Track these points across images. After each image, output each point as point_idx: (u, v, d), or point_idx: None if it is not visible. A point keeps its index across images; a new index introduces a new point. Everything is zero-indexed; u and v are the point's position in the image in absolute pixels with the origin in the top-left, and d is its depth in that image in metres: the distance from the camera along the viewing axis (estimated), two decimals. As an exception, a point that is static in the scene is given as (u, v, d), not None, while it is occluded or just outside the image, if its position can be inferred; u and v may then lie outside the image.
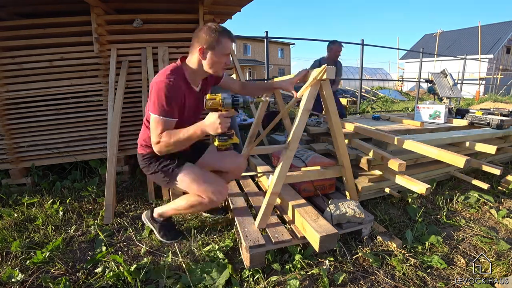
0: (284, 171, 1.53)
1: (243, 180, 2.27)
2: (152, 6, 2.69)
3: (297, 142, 1.53)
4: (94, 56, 2.49)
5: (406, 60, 22.04)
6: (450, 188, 2.44)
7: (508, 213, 2.02)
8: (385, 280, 1.41)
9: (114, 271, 1.41)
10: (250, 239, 1.44)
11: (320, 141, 2.64)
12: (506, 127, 2.57)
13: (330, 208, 1.59)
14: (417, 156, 2.21)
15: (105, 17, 2.43)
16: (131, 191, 2.48)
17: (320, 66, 1.47)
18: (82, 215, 2.07)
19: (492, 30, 20.25)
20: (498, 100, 9.31)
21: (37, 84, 2.47)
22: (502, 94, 12.80)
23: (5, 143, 2.47)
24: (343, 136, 1.73)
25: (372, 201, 2.18)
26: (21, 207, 2.14)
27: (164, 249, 1.66)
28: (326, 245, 1.37)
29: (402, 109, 8.47)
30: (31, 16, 2.50)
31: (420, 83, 8.49)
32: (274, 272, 1.46)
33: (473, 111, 2.98)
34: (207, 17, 2.59)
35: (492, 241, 1.71)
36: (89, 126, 2.59)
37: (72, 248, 1.71)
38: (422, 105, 2.98)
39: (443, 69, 3.79)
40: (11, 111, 2.47)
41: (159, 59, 2.54)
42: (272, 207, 1.59)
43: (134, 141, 2.64)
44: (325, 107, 1.64)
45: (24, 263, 1.55)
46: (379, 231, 1.76)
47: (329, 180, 1.96)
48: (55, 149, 2.56)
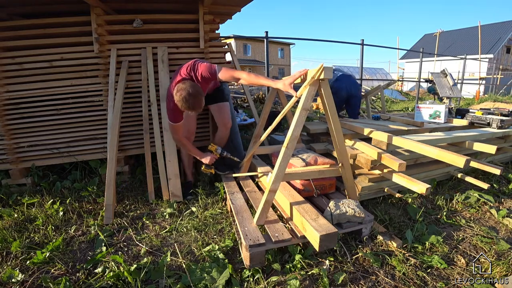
0: (282, 169, 1.53)
1: (243, 180, 2.27)
2: (152, 6, 2.69)
3: (295, 141, 1.53)
4: (94, 56, 2.49)
5: (406, 60, 22.04)
6: (450, 188, 2.44)
7: (508, 213, 2.02)
8: (385, 280, 1.41)
9: (114, 271, 1.41)
10: (250, 238, 1.44)
11: (320, 141, 2.64)
12: (506, 127, 2.57)
13: (330, 208, 1.59)
14: (417, 156, 2.21)
15: (105, 17, 2.43)
16: (131, 191, 2.48)
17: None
18: (82, 215, 2.07)
19: (492, 30, 20.24)
20: (498, 100, 9.31)
21: (37, 84, 2.47)
22: (502, 94, 12.79)
23: (5, 143, 2.47)
24: (342, 136, 1.73)
25: (372, 201, 2.18)
26: (21, 207, 2.14)
27: (164, 249, 1.66)
28: (326, 244, 1.37)
29: (402, 109, 8.47)
30: (31, 16, 2.50)
31: (420, 83, 8.48)
32: (274, 272, 1.46)
33: (473, 111, 2.98)
34: (207, 17, 2.59)
35: (492, 241, 1.71)
36: (89, 126, 2.59)
37: (72, 248, 1.71)
38: (422, 105, 2.98)
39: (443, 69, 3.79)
40: (11, 111, 2.47)
41: (159, 59, 2.54)
42: (270, 204, 1.60)
43: (134, 141, 2.64)
44: (324, 107, 1.64)
45: (24, 263, 1.55)
46: (379, 231, 1.76)
47: (329, 179, 1.96)
48: (55, 149, 2.56)
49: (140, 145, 2.62)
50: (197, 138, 2.74)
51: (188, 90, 1.81)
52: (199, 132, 2.80)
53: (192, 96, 1.82)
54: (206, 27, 2.60)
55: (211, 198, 2.26)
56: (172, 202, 2.15)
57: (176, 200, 2.23)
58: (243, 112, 4.71)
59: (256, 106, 5.24)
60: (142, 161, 2.88)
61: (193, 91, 1.82)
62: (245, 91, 3.39)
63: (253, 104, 3.30)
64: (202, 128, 2.83)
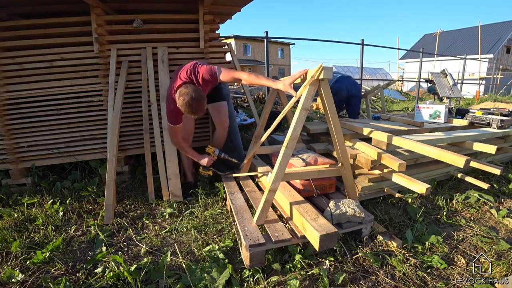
0: (282, 169, 1.53)
1: (243, 180, 2.27)
2: (152, 6, 2.69)
3: (295, 141, 1.53)
4: (94, 56, 2.49)
5: (406, 60, 22.03)
6: (450, 188, 2.44)
7: (508, 213, 2.02)
8: (385, 280, 1.41)
9: (114, 271, 1.41)
10: (250, 238, 1.44)
11: (320, 141, 2.64)
12: (506, 127, 2.57)
13: (330, 208, 1.59)
14: (417, 156, 2.21)
15: (105, 17, 2.43)
16: (131, 191, 2.48)
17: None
18: (82, 215, 2.07)
19: (492, 30, 20.24)
20: (498, 100, 9.31)
21: (37, 84, 2.47)
22: (502, 94, 12.79)
23: (5, 143, 2.47)
24: (342, 136, 1.73)
25: (372, 201, 2.18)
26: (21, 207, 2.14)
27: (164, 249, 1.66)
28: (326, 244, 1.37)
29: (402, 109, 8.47)
30: (31, 16, 2.50)
31: (420, 83, 8.48)
32: (274, 272, 1.46)
33: (473, 111, 2.98)
34: (207, 17, 2.59)
35: (492, 241, 1.71)
36: (89, 126, 2.59)
37: (72, 248, 1.71)
38: (422, 105, 2.98)
39: (443, 69, 3.79)
40: (12, 111, 2.47)
41: (159, 59, 2.54)
42: (270, 204, 1.60)
43: (134, 141, 2.64)
44: (324, 107, 1.64)
45: (24, 263, 1.55)
46: (379, 231, 1.75)
47: (329, 179, 1.96)
48: (55, 149, 2.56)
49: (140, 145, 2.62)
50: (196, 138, 2.74)
51: (191, 94, 1.81)
52: (199, 132, 2.81)
53: (195, 100, 1.82)
54: (206, 27, 2.60)
55: (211, 198, 2.26)
56: (172, 202, 2.15)
57: (176, 200, 2.23)
58: (243, 112, 4.70)
59: (256, 106, 5.24)
60: (142, 161, 2.88)
61: (196, 96, 1.82)
62: (245, 91, 3.39)
63: (253, 104, 3.30)
64: (201, 128, 2.83)
